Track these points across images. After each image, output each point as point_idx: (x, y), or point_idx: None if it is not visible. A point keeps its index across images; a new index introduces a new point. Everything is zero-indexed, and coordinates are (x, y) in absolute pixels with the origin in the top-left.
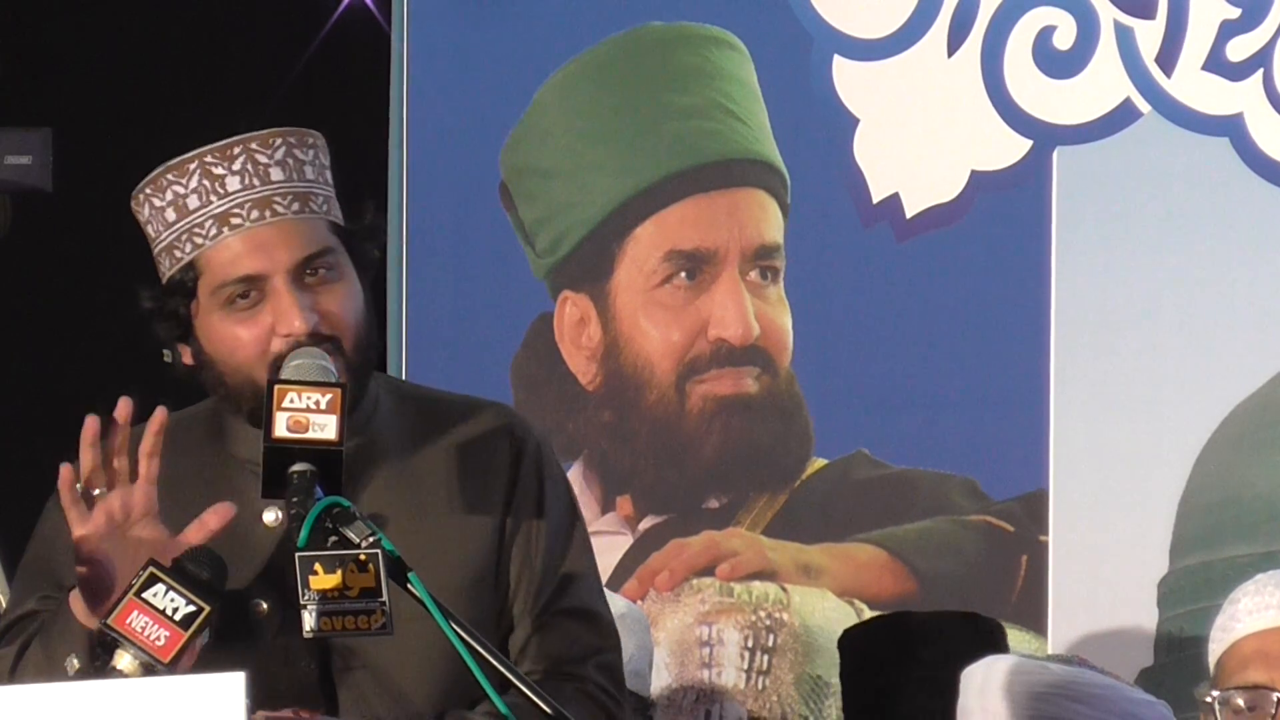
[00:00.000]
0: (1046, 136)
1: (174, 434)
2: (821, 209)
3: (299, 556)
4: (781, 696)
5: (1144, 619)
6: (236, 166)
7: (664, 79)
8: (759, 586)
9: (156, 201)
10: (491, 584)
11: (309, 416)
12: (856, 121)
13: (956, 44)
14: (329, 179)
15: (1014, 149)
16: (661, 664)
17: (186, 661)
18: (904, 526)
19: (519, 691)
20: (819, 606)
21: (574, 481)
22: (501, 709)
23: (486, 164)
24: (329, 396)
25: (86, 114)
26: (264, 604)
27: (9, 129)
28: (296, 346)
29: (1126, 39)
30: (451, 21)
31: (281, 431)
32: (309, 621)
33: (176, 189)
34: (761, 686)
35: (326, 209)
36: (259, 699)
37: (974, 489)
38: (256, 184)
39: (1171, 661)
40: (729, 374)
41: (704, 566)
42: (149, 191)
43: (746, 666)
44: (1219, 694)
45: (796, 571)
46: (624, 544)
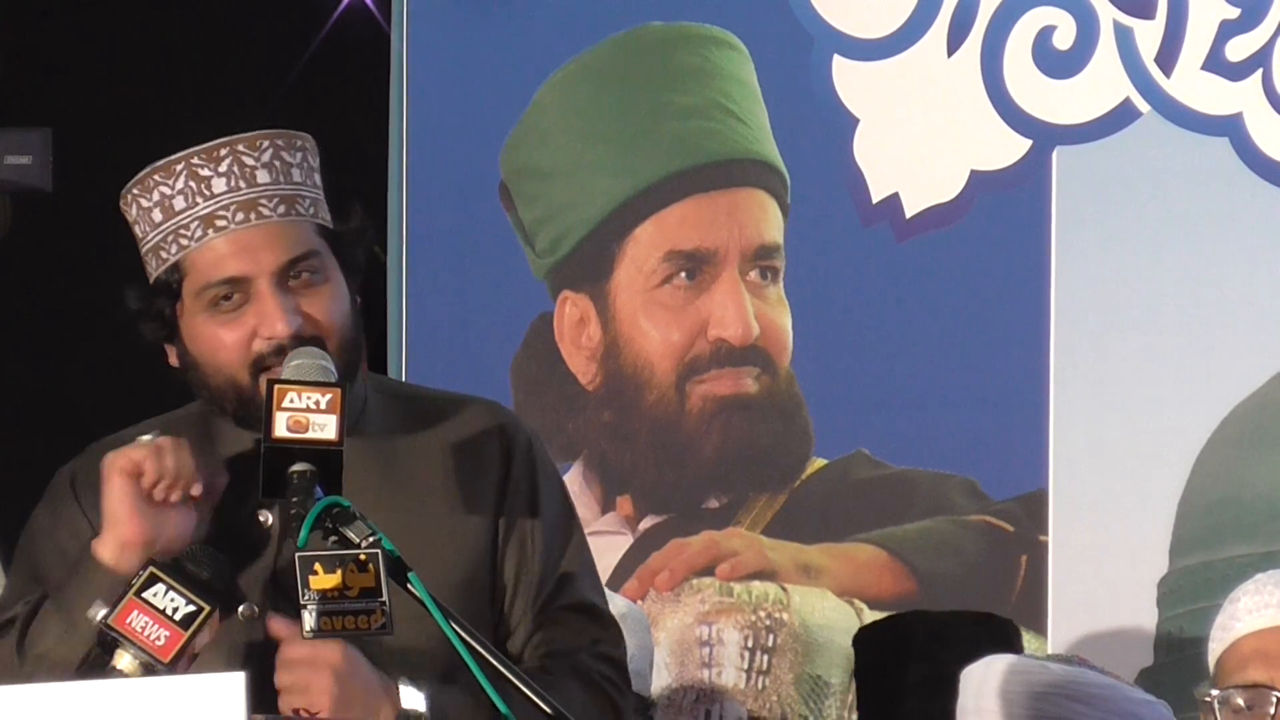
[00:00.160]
0: (1046, 136)
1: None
2: (821, 209)
3: (299, 556)
4: (781, 696)
5: (1144, 619)
6: (223, 168)
7: (664, 79)
8: (759, 586)
9: (144, 202)
10: (485, 583)
11: (309, 416)
12: (856, 121)
13: (956, 44)
14: (317, 181)
15: (1014, 149)
16: (661, 664)
17: (186, 661)
18: (904, 526)
19: (519, 692)
20: (819, 606)
21: (574, 481)
22: (502, 709)
23: (486, 164)
24: (329, 396)
25: (86, 114)
26: (254, 607)
27: (9, 129)
28: (279, 349)
29: (1126, 39)
30: (451, 21)
31: (281, 431)
32: (309, 621)
33: (163, 190)
34: (761, 686)
35: (313, 211)
36: (254, 703)
37: (974, 489)
38: (242, 186)
39: (1171, 661)
40: (729, 374)
41: (704, 566)
42: (136, 192)
43: (746, 666)
44: (1218, 693)
45: (796, 571)
46: (624, 544)
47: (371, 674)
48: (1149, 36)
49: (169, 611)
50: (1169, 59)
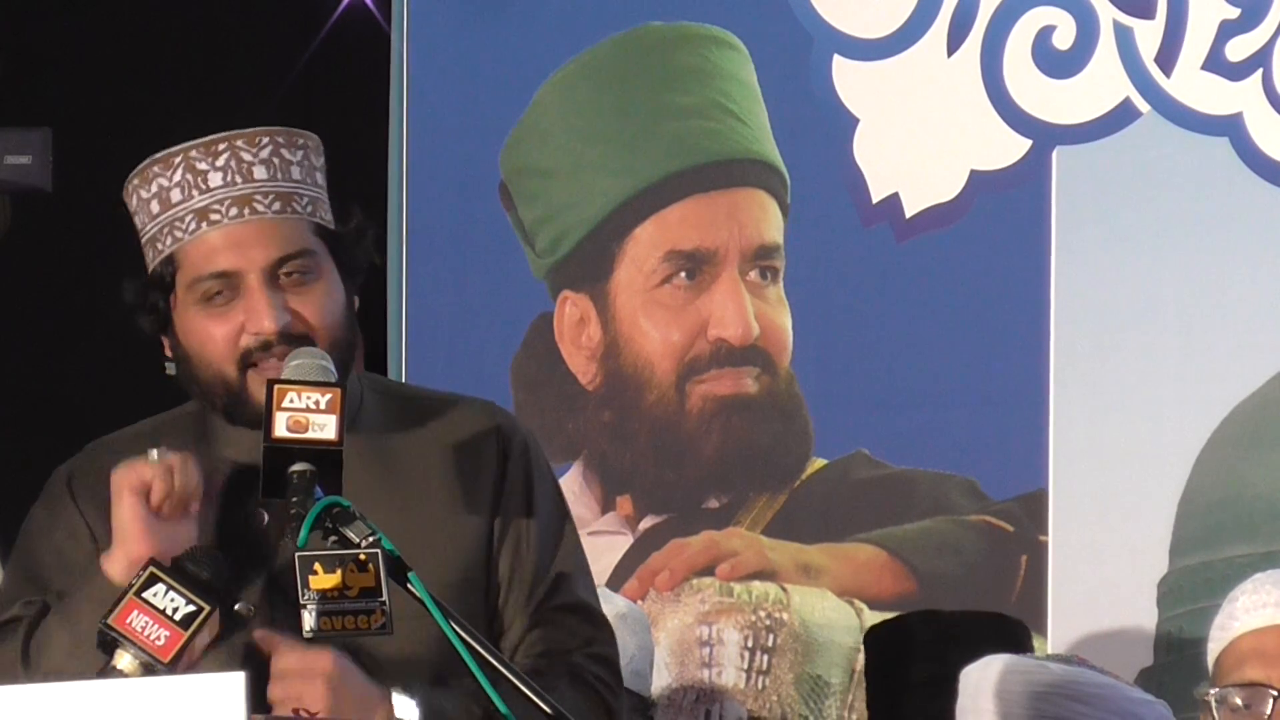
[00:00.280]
0: (1046, 136)
1: (160, 435)
2: (821, 209)
3: (299, 556)
4: (781, 696)
5: (1144, 619)
6: (220, 163)
7: (664, 79)
8: (759, 586)
9: (143, 194)
10: (480, 582)
11: (309, 416)
12: (856, 121)
13: (956, 44)
14: (319, 180)
15: (1014, 149)
16: (661, 664)
17: (187, 661)
18: (904, 526)
19: (518, 691)
20: (819, 606)
21: (574, 481)
22: (501, 709)
23: (486, 164)
24: (329, 396)
25: (86, 114)
26: (250, 605)
27: (9, 129)
28: (265, 345)
29: (1126, 39)
30: (451, 21)
31: (281, 431)
32: (309, 621)
33: (161, 181)
34: (761, 686)
35: (311, 210)
36: (254, 703)
37: (974, 489)
38: (238, 181)
39: (1171, 661)
40: (729, 374)
41: (704, 566)
42: (136, 183)
43: (746, 666)
44: (1216, 692)
45: (796, 571)
46: (624, 544)
47: (364, 682)
48: (1149, 36)
49: (169, 611)
50: (1169, 59)
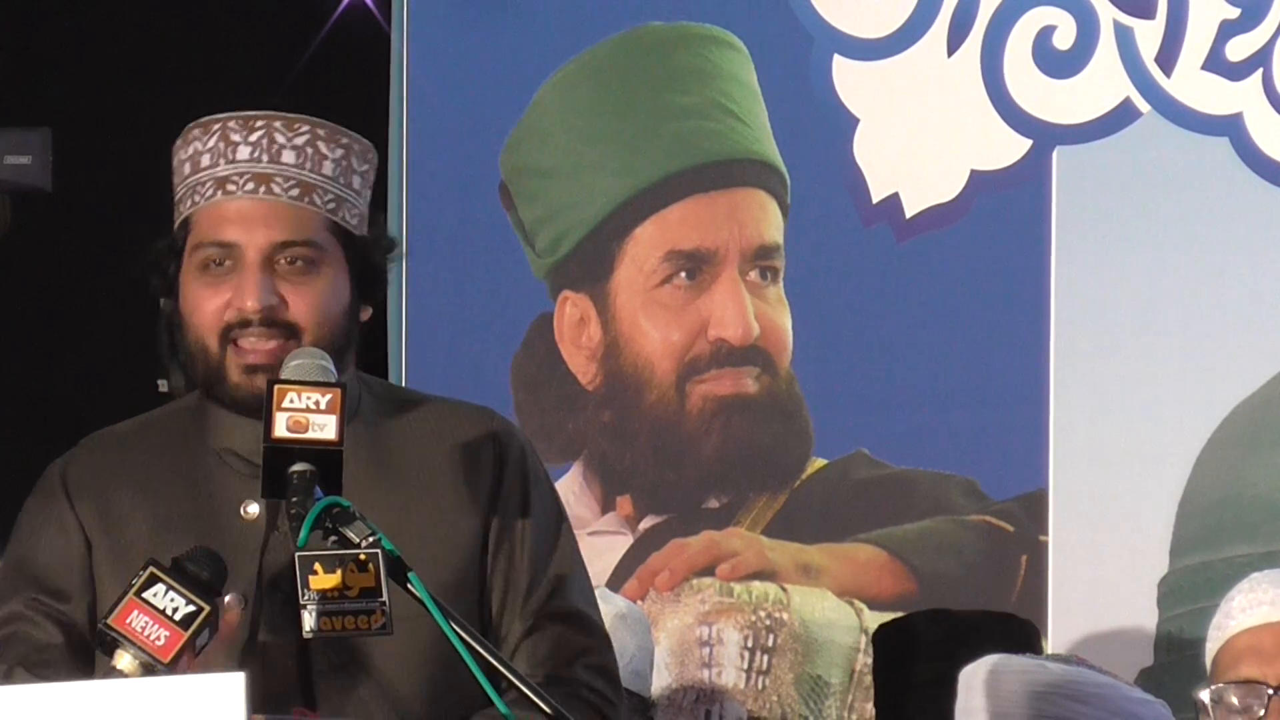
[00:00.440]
0: (1046, 136)
1: (155, 429)
2: (821, 209)
3: (299, 556)
4: (781, 696)
5: (1144, 619)
6: (254, 138)
7: (664, 79)
8: (759, 586)
9: (181, 154)
10: (473, 586)
11: (309, 416)
12: (856, 121)
13: (956, 44)
14: (356, 185)
15: (1014, 149)
16: (661, 664)
17: (186, 661)
18: (904, 526)
19: (517, 692)
20: (819, 606)
21: (574, 481)
22: (501, 709)
23: (486, 164)
24: (329, 396)
25: (86, 114)
26: (243, 597)
27: (9, 129)
28: (244, 322)
29: (1126, 39)
30: (451, 21)
31: (281, 431)
32: (309, 621)
33: (197, 145)
34: (761, 686)
35: (334, 208)
36: (254, 703)
37: (974, 489)
38: (264, 160)
39: (1171, 661)
40: (729, 374)
41: (704, 566)
42: (179, 143)
43: (746, 666)
44: (1213, 691)
45: (796, 571)
46: (624, 544)
47: None
48: (1149, 36)
49: (169, 611)
50: (1169, 59)
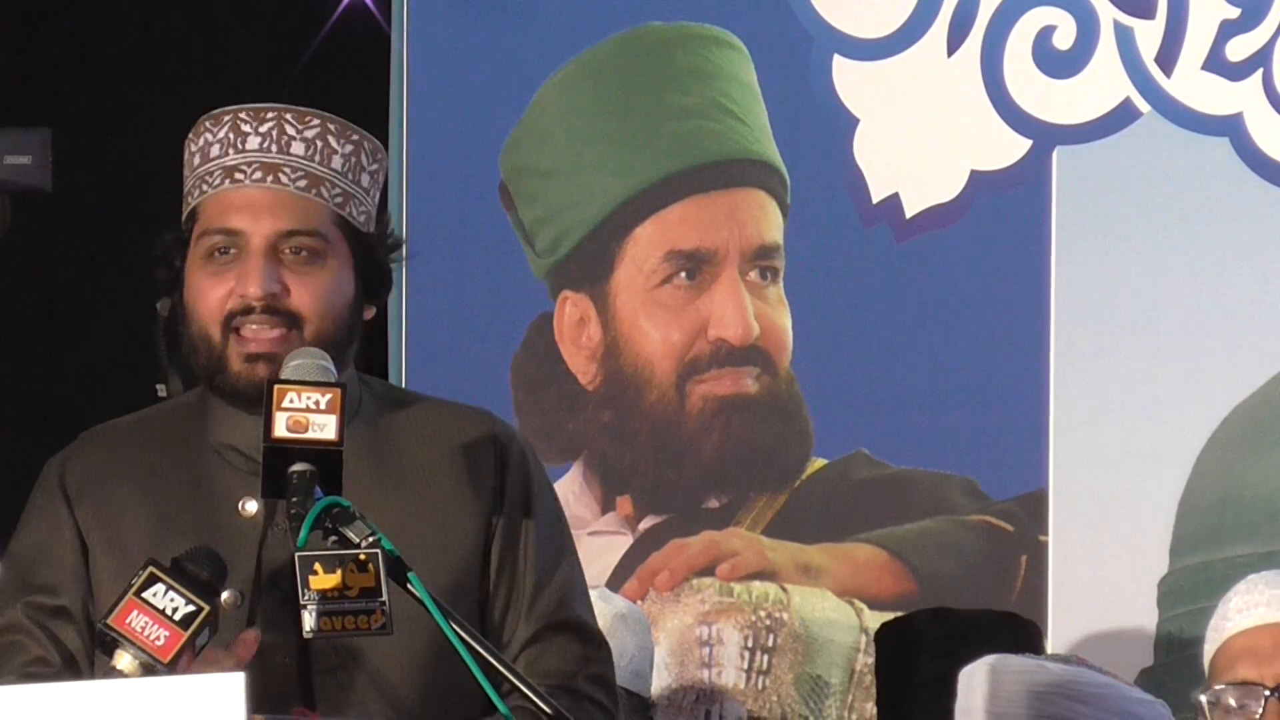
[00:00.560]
0: (1046, 136)
1: (154, 424)
2: (821, 209)
3: (299, 556)
4: (781, 696)
5: (1144, 619)
6: (264, 129)
7: (664, 79)
8: (759, 586)
9: (192, 146)
10: (472, 588)
11: (309, 416)
12: (856, 121)
13: (956, 44)
14: (364, 183)
15: (1014, 149)
16: (661, 664)
17: (186, 661)
18: (904, 526)
19: (518, 692)
20: (819, 606)
21: (574, 481)
22: (502, 709)
23: (486, 164)
24: (329, 396)
25: (86, 114)
26: (240, 594)
27: (9, 129)
28: (247, 309)
29: (1126, 39)
30: (451, 21)
31: (281, 431)
32: (309, 621)
33: (207, 136)
34: (761, 686)
35: (340, 202)
36: (254, 703)
37: (974, 489)
38: (274, 150)
39: (1171, 661)
40: (729, 374)
41: (704, 566)
42: (191, 135)
43: (746, 666)
44: (1210, 693)
45: (796, 571)
46: (624, 544)
47: None
48: (1149, 36)
49: (169, 611)
50: (1169, 59)
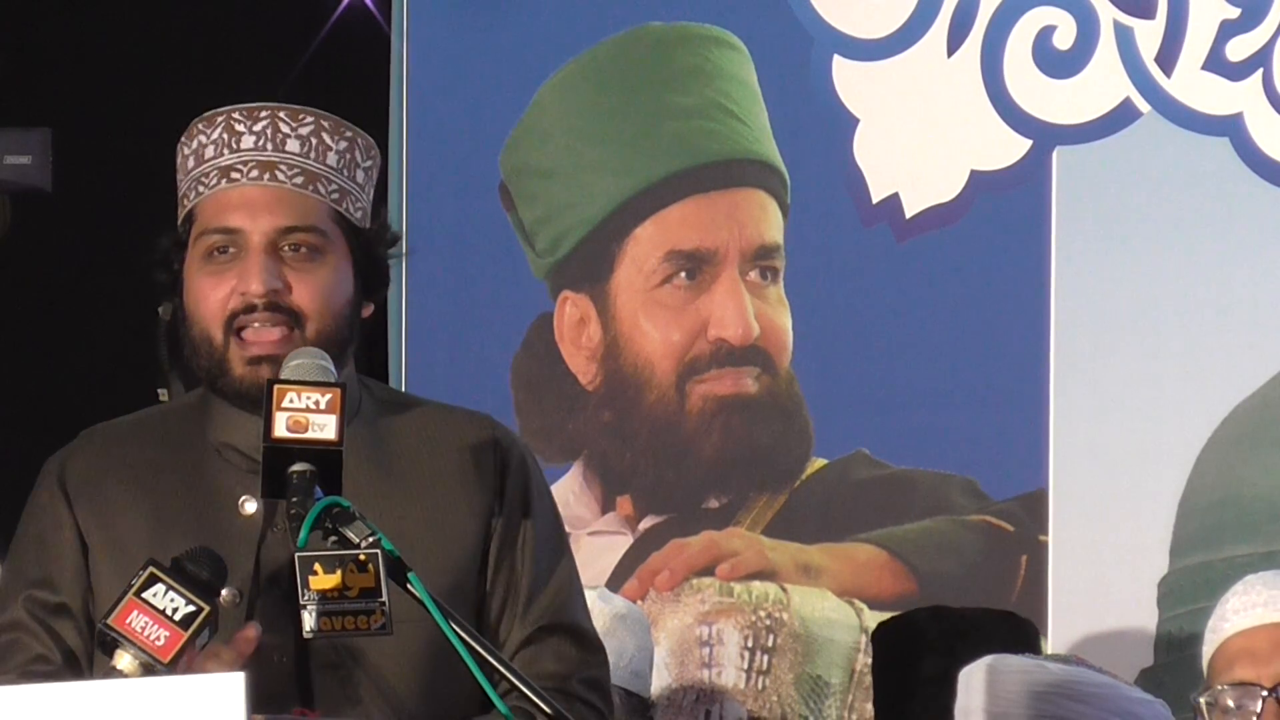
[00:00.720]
0: (1046, 136)
1: (154, 423)
2: (821, 209)
3: (298, 557)
4: (781, 696)
5: (1144, 619)
6: (258, 128)
7: (664, 79)
8: (759, 586)
9: (185, 150)
10: (470, 590)
11: (309, 416)
12: (856, 121)
13: (956, 44)
14: (359, 179)
15: (1014, 149)
16: (661, 664)
17: (186, 661)
18: (904, 526)
19: (517, 693)
20: (819, 606)
21: (574, 481)
22: (502, 709)
23: (486, 164)
24: (328, 396)
25: (86, 114)
26: (238, 592)
27: (9, 129)
28: (250, 307)
29: (1126, 39)
30: (451, 21)
31: (281, 431)
32: (309, 622)
33: (201, 139)
34: (761, 686)
35: (337, 199)
36: (253, 703)
37: (974, 489)
38: (269, 149)
39: (1171, 661)
40: (729, 374)
41: (704, 566)
42: (184, 139)
43: (746, 666)
44: (1208, 693)
45: (796, 571)
46: (624, 544)
47: None
48: (1149, 36)
49: (169, 611)
50: (1169, 59)
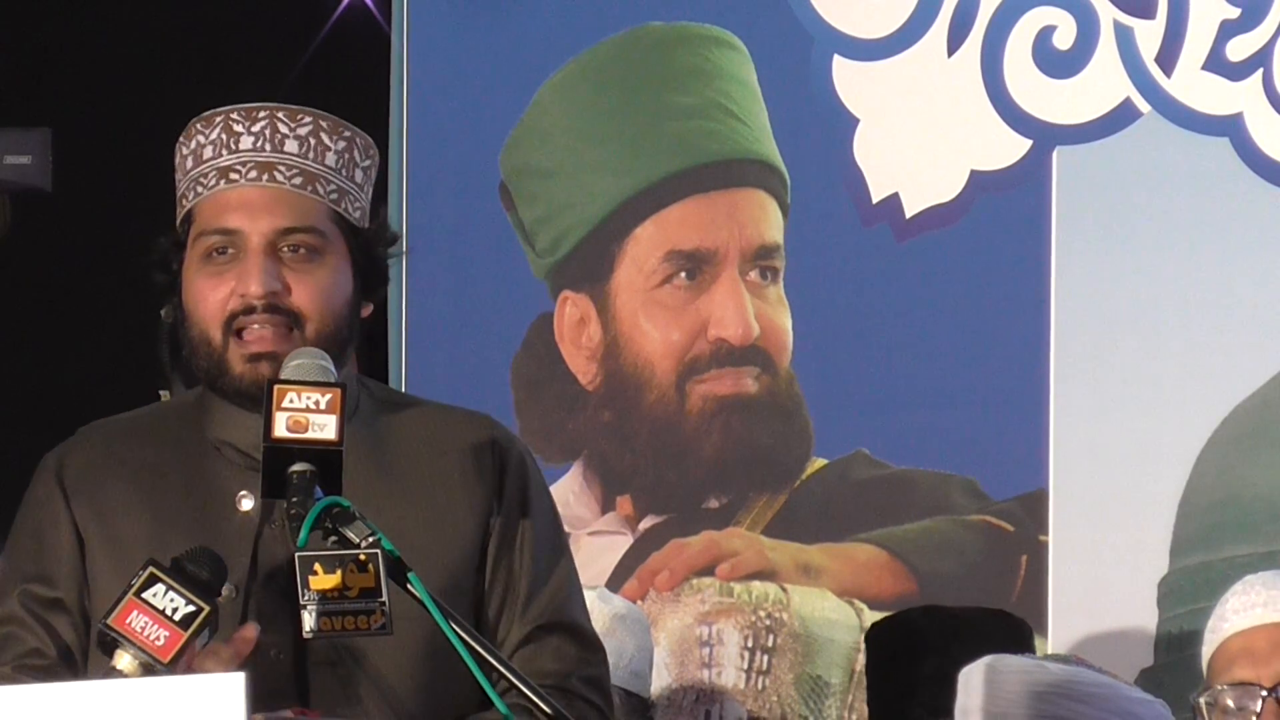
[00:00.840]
0: (1046, 136)
1: (152, 421)
2: (821, 209)
3: (299, 557)
4: (781, 696)
5: (1144, 619)
6: (256, 128)
7: (664, 79)
8: (759, 586)
9: (184, 150)
10: (469, 590)
11: (309, 416)
12: (856, 121)
13: (956, 44)
14: (358, 179)
15: (1014, 149)
16: (661, 664)
17: (186, 661)
18: (904, 526)
19: (516, 691)
20: (819, 606)
21: (574, 481)
22: (501, 709)
23: (486, 164)
24: (329, 396)
25: (86, 114)
26: (235, 588)
27: (9, 129)
28: (249, 309)
29: (1126, 39)
30: (451, 21)
31: (281, 431)
32: (309, 622)
33: (199, 139)
34: (761, 686)
35: (336, 199)
36: (253, 702)
37: (974, 489)
38: (267, 149)
39: (1171, 661)
40: (729, 374)
41: (704, 566)
42: (182, 139)
43: (746, 666)
44: (1208, 694)
45: (796, 571)
46: (624, 544)
47: None
48: (1149, 36)
49: (169, 612)
50: (1169, 59)
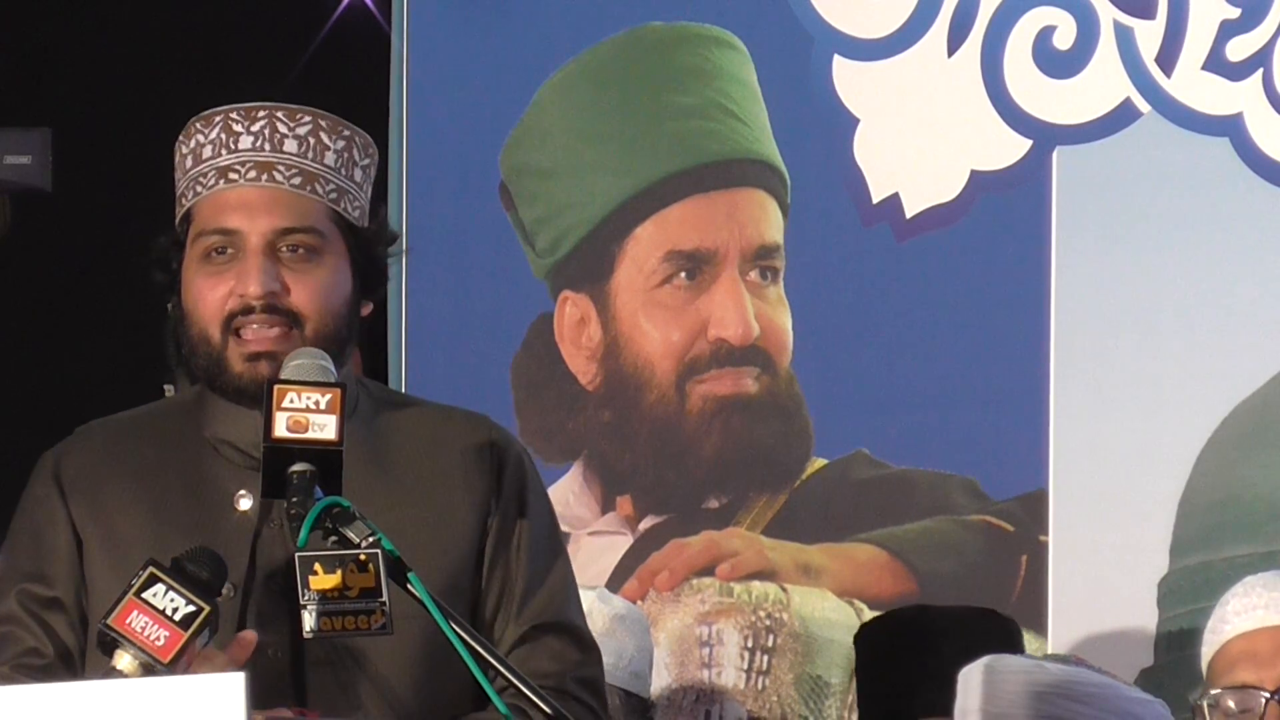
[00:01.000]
0: (1046, 136)
1: (150, 420)
2: (821, 209)
3: (299, 557)
4: (781, 696)
5: (1144, 619)
6: (255, 128)
7: (664, 79)
8: (759, 586)
9: (183, 149)
10: (467, 590)
11: (309, 416)
12: (856, 121)
13: (956, 44)
14: (357, 178)
15: (1014, 149)
16: (661, 664)
17: (186, 662)
18: (904, 526)
19: (514, 691)
20: (819, 606)
21: (574, 481)
22: (501, 708)
23: (486, 164)
24: (329, 397)
25: (86, 114)
26: (233, 586)
27: (9, 129)
28: (248, 309)
29: (1126, 39)
30: (451, 21)
31: (281, 431)
32: (309, 621)
33: (199, 138)
34: (761, 686)
35: (335, 199)
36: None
37: (974, 489)
38: (267, 149)
39: (1171, 661)
40: (729, 374)
41: (704, 566)
42: (182, 138)
43: (746, 666)
44: (1209, 696)
45: (796, 571)
46: (624, 544)
47: None
48: (1149, 36)
49: (169, 612)
50: (1169, 59)
